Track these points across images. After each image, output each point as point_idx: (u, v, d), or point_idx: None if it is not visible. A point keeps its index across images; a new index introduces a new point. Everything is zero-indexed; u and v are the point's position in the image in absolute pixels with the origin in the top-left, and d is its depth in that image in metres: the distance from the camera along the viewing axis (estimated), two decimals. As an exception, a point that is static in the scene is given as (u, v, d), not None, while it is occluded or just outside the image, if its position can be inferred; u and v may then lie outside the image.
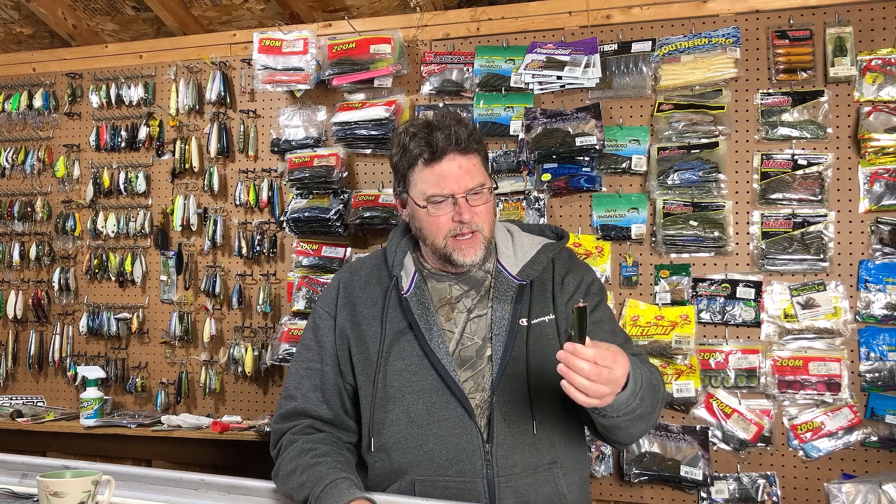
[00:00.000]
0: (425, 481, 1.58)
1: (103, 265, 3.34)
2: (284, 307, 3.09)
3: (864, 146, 2.48)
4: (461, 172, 1.62)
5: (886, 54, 2.50)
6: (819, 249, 2.51)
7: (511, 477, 1.56)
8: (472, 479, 1.56)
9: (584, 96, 2.77)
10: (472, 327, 1.65)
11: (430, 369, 1.60)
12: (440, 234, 1.63)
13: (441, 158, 1.62)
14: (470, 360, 1.63)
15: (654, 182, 2.65)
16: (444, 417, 1.58)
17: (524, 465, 1.57)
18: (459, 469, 1.57)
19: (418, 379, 1.61)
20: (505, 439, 1.57)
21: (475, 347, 1.63)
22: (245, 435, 2.86)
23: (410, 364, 1.62)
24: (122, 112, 3.37)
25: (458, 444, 1.57)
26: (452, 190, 1.60)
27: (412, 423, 1.60)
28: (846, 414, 2.46)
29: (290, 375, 1.73)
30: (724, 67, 2.62)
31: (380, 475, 1.64)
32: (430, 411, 1.59)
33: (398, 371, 1.63)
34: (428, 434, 1.58)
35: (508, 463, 1.56)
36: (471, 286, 1.68)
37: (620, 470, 2.61)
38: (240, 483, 1.55)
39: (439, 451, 1.58)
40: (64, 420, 3.15)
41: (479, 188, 1.62)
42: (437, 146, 1.61)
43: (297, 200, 2.96)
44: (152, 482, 1.57)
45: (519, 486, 1.56)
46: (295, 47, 2.96)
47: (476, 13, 2.92)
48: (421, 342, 1.61)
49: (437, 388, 1.60)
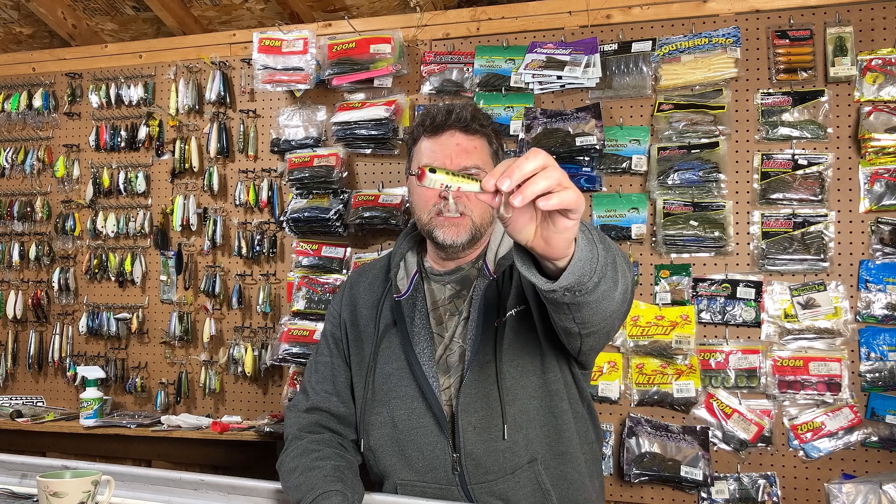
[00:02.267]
0: (406, 485, 1.60)
1: (103, 265, 3.34)
2: (284, 307, 3.08)
3: (865, 146, 2.48)
4: (458, 150, 1.61)
5: (887, 54, 2.50)
6: (819, 249, 2.50)
7: (485, 483, 1.55)
8: (447, 486, 1.57)
9: (584, 96, 2.77)
10: (460, 330, 1.62)
11: (411, 376, 1.60)
12: (425, 208, 1.61)
13: (441, 132, 1.63)
14: (453, 365, 1.61)
15: (655, 182, 2.65)
16: (421, 425, 1.59)
17: (498, 471, 1.55)
18: (434, 476, 1.58)
19: (402, 384, 1.61)
20: (473, 448, 1.55)
21: (459, 352, 1.61)
22: (245, 435, 2.86)
23: (396, 368, 1.62)
24: (122, 112, 3.37)
25: (431, 452, 1.58)
26: (444, 164, 1.59)
27: (395, 427, 1.61)
28: (846, 414, 2.46)
29: (306, 370, 1.77)
30: (725, 67, 2.62)
31: (374, 473, 1.68)
32: (409, 417, 1.60)
33: (385, 374, 1.63)
34: (407, 440, 1.59)
35: (480, 471, 1.55)
36: (463, 286, 1.66)
37: (620, 470, 2.61)
38: (240, 483, 1.55)
39: (416, 457, 1.59)
40: (64, 420, 3.14)
41: (475, 170, 1.61)
42: (437, 119, 1.63)
43: (297, 200, 2.96)
44: (152, 482, 1.57)
45: (496, 490, 1.55)
46: (295, 47, 2.96)
47: (476, 13, 2.92)
48: (405, 347, 1.61)
49: (415, 395, 1.60)
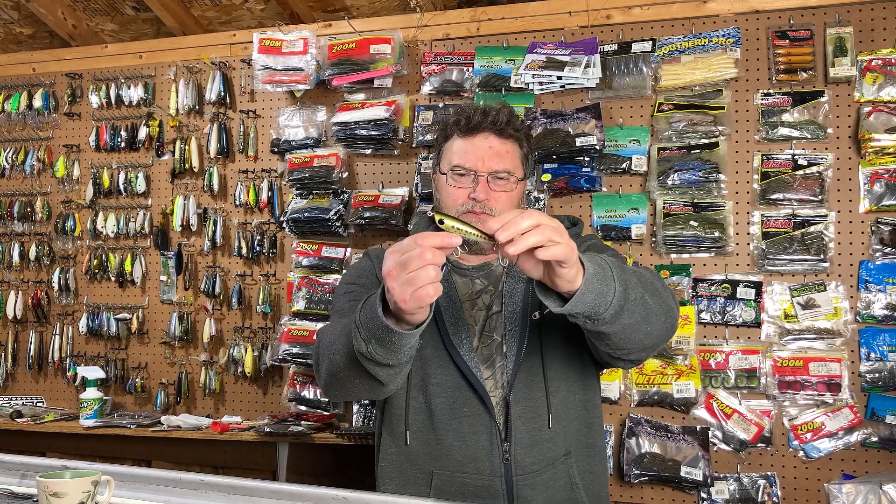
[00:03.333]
0: (442, 476, 1.57)
1: (103, 265, 3.34)
2: (284, 307, 3.08)
3: (865, 146, 2.48)
4: (490, 152, 1.61)
5: (886, 54, 2.50)
6: (819, 250, 2.50)
7: (529, 475, 1.56)
8: (490, 477, 1.55)
9: (584, 96, 2.77)
10: (492, 324, 1.63)
11: (452, 365, 1.59)
12: (454, 206, 1.61)
13: (475, 133, 1.63)
14: (490, 357, 1.61)
15: (655, 182, 2.65)
16: (465, 414, 1.58)
17: (541, 461, 1.57)
18: (477, 467, 1.56)
19: (441, 372, 1.60)
20: (522, 437, 1.57)
21: (494, 345, 1.62)
22: (245, 435, 2.86)
23: (435, 355, 1.61)
24: (122, 112, 3.37)
25: (476, 443, 1.57)
26: (476, 166, 1.60)
27: (431, 415, 1.59)
28: (846, 414, 2.46)
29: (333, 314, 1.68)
30: (725, 67, 2.62)
31: (392, 461, 1.63)
32: (451, 407, 1.58)
33: (424, 359, 1.61)
34: (448, 429, 1.58)
35: (527, 461, 1.56)
36: (490, 281, 1.67)
37: (620, 470, 2.61)
38: (240, 483, 1.55)
39: (458, 447, 1.57)
40: (64, 420, 3.14)
41: (506, 174, 1.61)
42: (473, 120, 1.63)
43: (297, 201, 2.96)
44: (152, 482, 1.57)
45: (537, 483, 1.56)
46: (295, 47, 2.96)
47: (476, 13, 2.92)
48: (443, 336, 1.60)
49: (458, 384, 1.59)
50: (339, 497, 1.42)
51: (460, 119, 1.65)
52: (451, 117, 1.68)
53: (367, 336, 1.29)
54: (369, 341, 1.29)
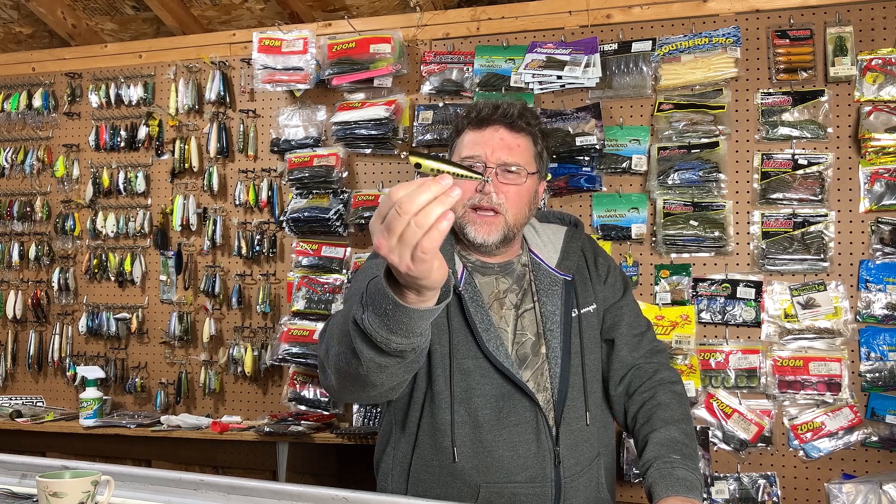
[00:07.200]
0: (491, 489, 1.52)
1: (103, 265, 3.34)
2: (284, 307, 3.08)
3: (865, 146, 2.48)
4: (501, 144, 1.59)
5: (887, 54, 2.50)
6: (819, 249, 2.50)
7: (574, 476, 1.54)
8: (541, 483, 1.52)
9: (584, 96, 2.77)
10: (523, 323, 1.60)
11: (494, 372, 1.53)
12: (460, 200, 1.51)
13: (485, 126, 1.61)
14: (527, 358, 1.58)
15: (655, 182, 2.64)
16: (516, 422, 1.53)
17: (583, 462, 1.56)
18: (529, 475, 1.52)
19: (484, 382, 1.54)
20: (567, 438, 1.55)
21: (529, 344, 1.59)
22: (245, 435, 2.86)
23: (475, 366, 1.55)
24: (122, 112, 3.36)
25: (528, 449, 1.53)
26: (485, 157, 1.57)
27: (477, 427, 1.53)
28: (846, 414, 2.46)
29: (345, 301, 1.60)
30: (725, 67, 2.62)
31: (433, 474, 1.55)
32: (499, 417, 1.53)
33: (465, 371, 1.55)
34: (497, 440, 1.53)
35: (572, 462, 1.55)
36: (513, 280, 1.63)
37: (620, 470, 2.60)
38: (240, 483, 1.55)
39: (509, 457, 1.52)
40: (63, 420, 3.14)
41: (517, 168, 1.58)
42: (484, 113, 1.61)
43: (297, 200, 2.96)
44: (152, 482, 1.57)
45: (579, 485, 1.55)
46: (295, 47, 2.96)
47: (476, 13, 2.92)
48: (479, 343, 1.54)
49: (503, 392, 1.53)
50: (339, 497, 1.42)
51: (471, 112, 1.63)
52: (462, 111, 1.67)
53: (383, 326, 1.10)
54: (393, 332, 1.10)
